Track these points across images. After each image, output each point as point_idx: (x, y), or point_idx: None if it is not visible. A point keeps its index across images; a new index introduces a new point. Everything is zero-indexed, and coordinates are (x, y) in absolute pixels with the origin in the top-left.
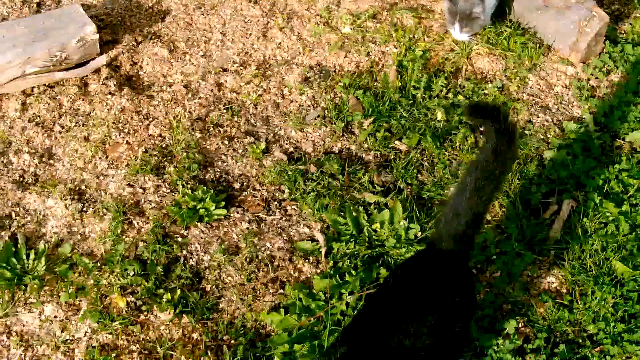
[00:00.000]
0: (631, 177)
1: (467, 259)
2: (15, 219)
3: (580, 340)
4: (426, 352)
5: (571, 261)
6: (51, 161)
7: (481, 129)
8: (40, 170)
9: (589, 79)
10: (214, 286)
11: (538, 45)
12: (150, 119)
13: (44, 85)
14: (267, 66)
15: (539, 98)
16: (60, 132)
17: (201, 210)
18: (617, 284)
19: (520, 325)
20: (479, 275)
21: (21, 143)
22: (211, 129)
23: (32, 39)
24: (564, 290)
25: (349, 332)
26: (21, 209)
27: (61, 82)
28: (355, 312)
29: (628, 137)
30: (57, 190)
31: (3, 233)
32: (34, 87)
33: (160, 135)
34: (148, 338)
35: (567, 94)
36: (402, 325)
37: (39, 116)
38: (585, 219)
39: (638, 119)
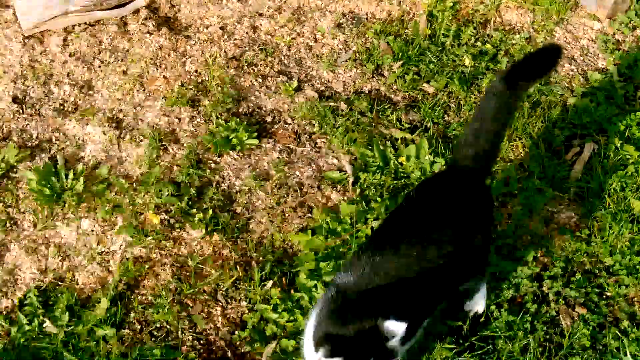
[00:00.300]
0: None
1: (484, 177)
2: (55, 143)
3: (597, 271)
4: (447, 262)
5: (590, 198)
6: (90, 92)
7: None
8: (79, 100)
9: (614, 34)
10: (244, 208)
11: (566, 0)
12: (187, 57)
13: (85, 23)
14: (301, 12)
15: (565, 49)
16: (99, 67)
17: (234, 139)
18: (634, 220)
19: (539, 255)
20: (501, 208)
21: (62, 75)
22: (245, 67)
23: None
24: (583, 225)
25: (371, 241)
26: (61, 134)
27: (101, 22)
28: (379, 222)
29: None
30: (95, 118)
31: (43, 155)
32: (75, 25)
33: (196, 71)
34: (180, 253)
35: (593, 47)
36: (423, 234)
37: (79, 51)
38: (605, 161)
39: None
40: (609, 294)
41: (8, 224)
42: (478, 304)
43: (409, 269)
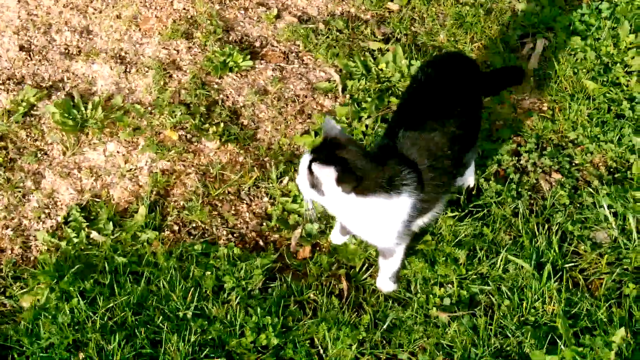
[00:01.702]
0: (592, 19)
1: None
2: (67, 82)
3: (564, 144)
4: (461, 133)
5: (549, 84)
6: (90, 36)
7: None
8: (81, 43)
9: None
10: (250, 120)
11: None
12: None
13: None
14: None
15: None
16: (93, 14)
17: (230, 62)
18: (589, 98)
19: (512, 136)
20: None
21: (60, 24)
22: (227, 2)
23: None
24: (545, 107)
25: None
26: (71, 74)
27: None
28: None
29: None
30: (100, 57)
31: (59, 93)
32: None
33: (184, 8)
34: (201, 163)
35: None
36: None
37: (72, 2)
38: (557, 52)
39: None
40: (577, 161)
41: (39, 155)
42: (469, 178)
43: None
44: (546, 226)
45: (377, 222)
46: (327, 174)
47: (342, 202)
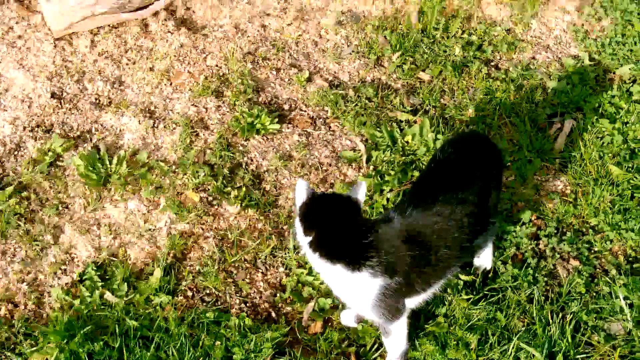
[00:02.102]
0: (622, 101)
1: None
2: (95, 133)
3: (584, 230)
4: (470, 217)
5: (574, 167)
6: (122, 87)
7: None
8: (112, 94)
9: (583, 24)
10: (272, 186)
11: None
12: (207, 53)
13: (109, 26)
14: (304, 12)
15: (541, 39)
16: (127, 64)
17: (258, 124)
18: (613, 184)
19: (533, 218)
20: None
21: (94, 73)
22: (260, 61)
23: None
24: (569, 191)
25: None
26: (100, 125)
27: (124, 24)
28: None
29: (618, 71)
30: (129, 110)
31: (86, 144)
32: (100, 27)
33: (216, 65)
34: (220, 227)
35: (565, 36)
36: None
37: (107, 51)
38: (584, 133)
39: (625, 57)
40: (596, 248)
41: (60, 208)
42: (486, 260)
43: (443, 221)
44: (560, 314)
45: (346, 290)
46: (300, 232)
47: (313, 261)
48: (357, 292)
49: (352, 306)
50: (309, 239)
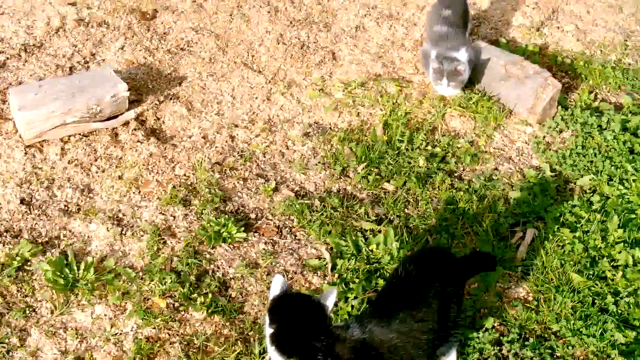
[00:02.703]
0: (582, 211)
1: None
2: (64, 240)
3: (547, 336)
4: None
5: (536, 275)
6: (90, 195)
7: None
8: (81, 201)
9: (544, 136)
10: (239, 293)
11: (501, 109)
12: (176, 162)
13: (79, 134)
14: (272, 123)
15: (503, 151)
16: (96, 172)
17: (224, 233)
18: (574, 291)
19: (496, 324)
20: None
21: (63, 180)
22: (228, 171)
23: (72, 94)
24: (531, 298)
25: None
26: (68, 231)
27: (94, 132)
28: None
29: (579, 181)
30: (98, 217)
31: (54, 250)
32: (70, 135)
33: (185, 175)
34: (186, 332)
35: (527, 148)
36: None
37: (77, 159)
38: (546, 242)
39: (586, 167)
40: (559, 354)
41: (27, 311)
42: None
43: (400, 338)
44: None
45: None
46: (267, 323)
47: (272, 354)
48: None
49: None
50: (271, 331)
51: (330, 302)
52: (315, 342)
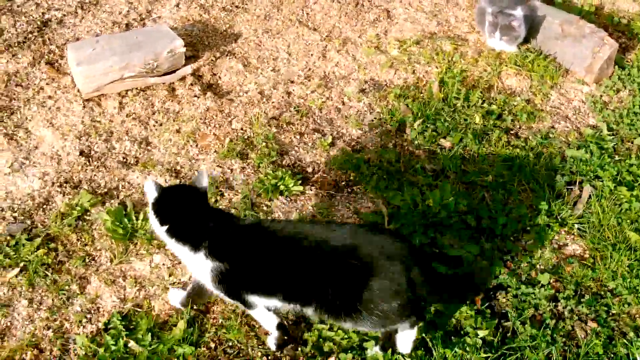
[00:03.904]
0: None
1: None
2: (122, 191)
3: (602, 293)
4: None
5: (592, 232)
6: (149, 147)
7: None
8: (139, 154)
9: (601, 96)
10: None
11: (557, 67)
12: (232, 117)
13: (137, 89)
14: (327, 80)
15: (560, 109)
16: (154, 126)
17: (281, 186)
18: (631, 249)
19: (552, 281)
20: (516, 242)
21: (121, 133)
22: (284, 126)
23: (129, 49)
24: (587, 255)
25: None
26: (126, 183)
27: (151, 87)
28: None
29: (636, 141)
30: (156, 169)
31: (112, 200)
32: (128, 90)
33: (241, 129)
34: None
35: (584, 107)
36: None
37: (134, 112)
38: (602, 200)
39: None
40: (614, 311)
41: (87, 260)
42: (402, 344)
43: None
44: None
45: (194, 268)
46: (156, 224)
47: (170, 245)
48: (199, 270)
49: (205, 283)
50: (165, 228)
51: (205, 183)
52: (201, 226)
